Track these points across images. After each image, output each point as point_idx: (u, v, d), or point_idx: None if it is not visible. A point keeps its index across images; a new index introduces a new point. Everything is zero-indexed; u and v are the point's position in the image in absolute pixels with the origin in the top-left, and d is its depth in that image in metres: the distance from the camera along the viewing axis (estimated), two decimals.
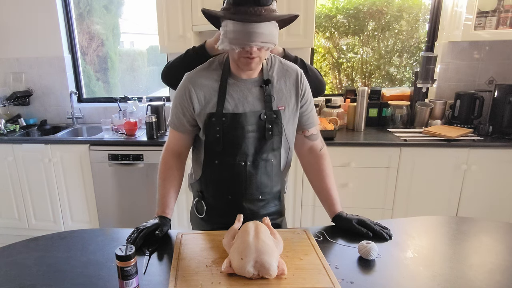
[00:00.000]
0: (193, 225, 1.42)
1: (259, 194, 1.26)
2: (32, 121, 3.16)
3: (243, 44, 1.06)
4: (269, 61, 1.24)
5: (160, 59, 3.41)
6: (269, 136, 1.20)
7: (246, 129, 1.19)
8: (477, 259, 1.05)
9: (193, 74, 1.22)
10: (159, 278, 0.98)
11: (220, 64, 1.22)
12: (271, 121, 1.20)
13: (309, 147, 1.34)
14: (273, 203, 1.31)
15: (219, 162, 1.23)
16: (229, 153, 1.21)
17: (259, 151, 1.22)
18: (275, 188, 1.29)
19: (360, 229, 1.17)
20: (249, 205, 1.26)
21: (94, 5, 3.40)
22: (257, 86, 1.20)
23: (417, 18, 3.13)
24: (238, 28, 1.04)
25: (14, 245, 1.14)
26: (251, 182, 1.23)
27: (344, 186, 2.45)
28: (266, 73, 1.21)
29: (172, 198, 1.25)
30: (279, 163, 1.27)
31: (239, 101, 1.19)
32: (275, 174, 1.27)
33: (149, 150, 2.59)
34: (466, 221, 1.30)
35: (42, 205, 2.86)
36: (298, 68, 1.27)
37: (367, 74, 3.31)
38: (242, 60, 1.11)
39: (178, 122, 1.25)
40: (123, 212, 2.77)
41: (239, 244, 0.96)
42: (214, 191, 1.28)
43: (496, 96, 2.53)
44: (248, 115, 1.18)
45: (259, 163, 1.22)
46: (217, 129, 1.18)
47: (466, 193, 2.42)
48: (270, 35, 1.07)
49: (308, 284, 0.91)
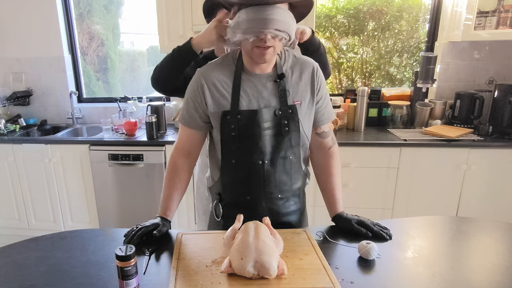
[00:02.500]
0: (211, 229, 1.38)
1: (278, 193, 1.22)
2: (32, 121, 3.16)
3: (257, 32, 1.02)
4: (282, 55, 1.21)
5: (160, 59, 3.40)
6: (285, 132, 1.17)
7: (262, 127, 1.15)
8: (477, 259, 1.05)
9: (205, 69, 1.19)
10: (159, 278, 0.98)
11: (234, 59, 1.18)
12: (287, 116, 1.16)
13: (318, 144, 1.30)
14: (293, 200, 1.28)
15: (236, 162, 1.20)
16: (246, 152, 1.17)
17: (277, 149, 1.18)
18: (294, 185, 1.26)
19: (359, 229, 1.16)
20: (268, 204, 1.22)
21: (94, 5, 3.40)
22: (271, 81, 1.17)
23: (417, 18, 3.13)
24: (251, 16, 1.01)
25: (14, 245, 1.14)
26: (270, 181, 1.20)
27: (344, 186, 2.43)
28: (280, 67, 1.17)
29: (175, 201, 1.23)
30: (299, 160, 1.23)
31: (253, 97, 1.16)
32: (295, 172, 1.24)
33: (149, 150, 2.59)
34: (466, 221, 1.30)
35: (42, 205, 2.86)
36: (314, 62, 1.24)
37: (367, 74, 3.31)
38: (256, 51, 1.07)
39: (189, 118, 1.21)
40: (123, 212, 2.77)
41: (239, 244, 0.96)
42: (232, 192, 1.25)
43: (496, 96, 2.53)
44: (264, 112, 1.15)
45: (277, 161, 1.18)
46: (232, 127, 1.15)
47: (466, 193, 2.42)
48: (285, 23, 1.03)
49: (308, 284, 0.91)
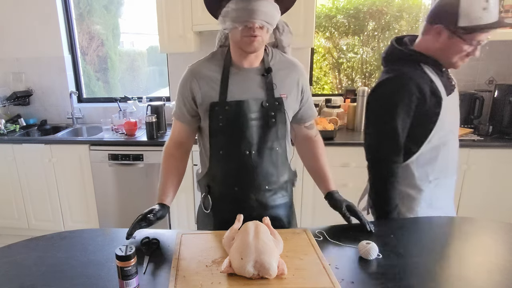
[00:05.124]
0: (199, 224, 1.42)
1: (266, 184, 1.26)
2: (32, 121, 3.16)
3: (245, 21, 1.07)
4: (269, 52, 1.26)
5: (160, 59, 3.41)
6: (272, 123, 1.21)
7: (249, 117, 1.19)
8: (477, 259, 1.05)
9: (195, 66, 1.25)
10: (159, 278, 0.98)
11: (222, 55, 1.24)
12: (274, 108, 1.21)
13: (305, 135, 1.39)
14: (280, 193, 1.31)
15: (224, 153, 1.24)
16: (233, 143, 1.22)
17: (263, 140, 1.22)
18: (281, 178, 1.29)
19: (345, 213, 1.20)
20: (256, 195, 1.26)
21: (94, 5, 3.40)
22: (259, 75, 1.22)
23: (417, 18, 3.14)
24: (240, 6, 1.07)
25: (14, 245, 1.14)
26: (257, 172, 1.23)
27: (344, 186, 2.45)
28: (267, 62, 1.23)
29: (171, 187, 1.25)
30: (285, 152, 1.29)
31: (241, 89, 1.20)
32: (281, 163, 1.28)
33: (149, 150, 2.59)
34: (466, 221, 1.30)
35: (42, 205, 2.86)
36: (299, 63, 1.30)
37: (367, 74, 3.31)
38: (245, 40, 1.11)
39: (180, 112, 1.28)
40: (123, 212, 2.77)
41: (239, 244, 0.96)
42: (221, 183, 1.28)
43: (496, 96, 2.53)
44: (251, 103, 1.19)
45: (264, 152, 1.23)
46: (220, 118, 1.20)
47: (466, 193, 2.42)
48: (271, 15, 1.09)
49: (308, 284, 0.91)
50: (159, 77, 3.65)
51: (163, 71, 3.30)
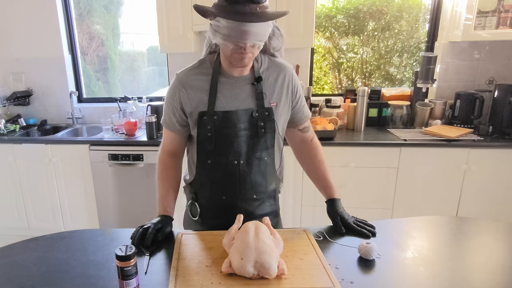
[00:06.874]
0: (187, 228, 1.41)
1: (254, 194, 1.25)
2: (32, 121, 3.16)
3: (237, 41, 1.05)
4: (259, 58, 1.23)
5: (160, 59, 3.41)
6: (261, 133, 1.20)
7: (238, 127, 1.18)
8: (477, 259, 1.05)
9: (183, 74, 1.22)
10: (159, 278, 0.98)
11: (211, 63, 1.21)
12: (264, 118, 1.19)
13: (301, 138, 1.36)
14: (268, 202, 1.30)
15: (211, 162, 1.22)
16: (222, 152, 1.20)
17: (252, 150, 1.21)
18: (270, 187, 1.29)
19: (338, 224, 1.20)
20: (244, 205, 1.25)
21: (94, 5, 3.40)
22: (248, 84, 1.20)
23: (417, 18, 3.14)
24: (232, 25, 1.03)
25: (14, 245, 1.14)
26: (245, 182, 1.22)
27: (343, 186, 2.45)
28: (257, 70, 1.20)
29: (172, 197, 1.25)
30: (273, 161, 1.27)
31: (230, 99, 1.18)
32: (270, 173, 1.27)
33: (149, 150, 2.59)
34: (466, 221, 1.30)
35: (42, 205, 2.86)
36: (289, 65, 1.28)
37: (367, 74, 3.31)
38: (235, 56, 1.10)
39: (170, 122, 1.26)
40: (123, 212, 2.76)
41: (239, 244, 0.96)
42: (208, 192, 1.27)
43: (496, 96, 2.53)
44: (240, 113, 1.18)
45: (252, 162, 1.21)
46: (209, 128, 1.18)
47: (466, 193, 2.42)
48: (263, 34, 1.08)
49: (308, 284, 0.91)
50: (159, 77, 3.65)
51: (163, 71, 3.30)
